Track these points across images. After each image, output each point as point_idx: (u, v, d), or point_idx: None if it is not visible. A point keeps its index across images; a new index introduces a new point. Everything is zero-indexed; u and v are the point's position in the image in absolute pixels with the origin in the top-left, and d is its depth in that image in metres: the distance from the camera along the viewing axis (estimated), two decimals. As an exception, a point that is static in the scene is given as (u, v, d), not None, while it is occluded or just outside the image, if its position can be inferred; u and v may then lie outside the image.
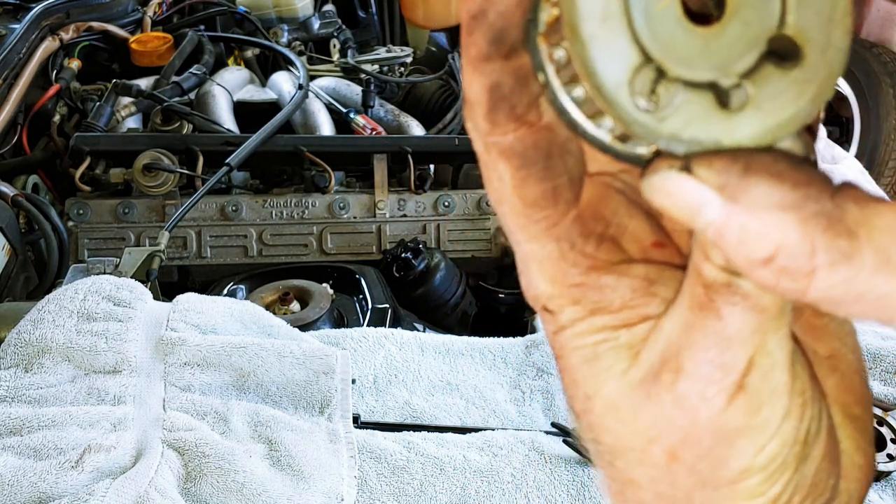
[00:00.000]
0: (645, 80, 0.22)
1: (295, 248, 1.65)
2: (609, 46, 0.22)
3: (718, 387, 0.26)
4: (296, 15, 2.41)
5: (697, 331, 0.26)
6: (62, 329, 0.98)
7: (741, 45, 0.22)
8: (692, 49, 0.22)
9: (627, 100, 0.22)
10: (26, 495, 0.80)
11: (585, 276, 0.29)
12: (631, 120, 0.22)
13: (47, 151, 1.81)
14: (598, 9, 0.22)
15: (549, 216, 0.28)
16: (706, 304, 0.25)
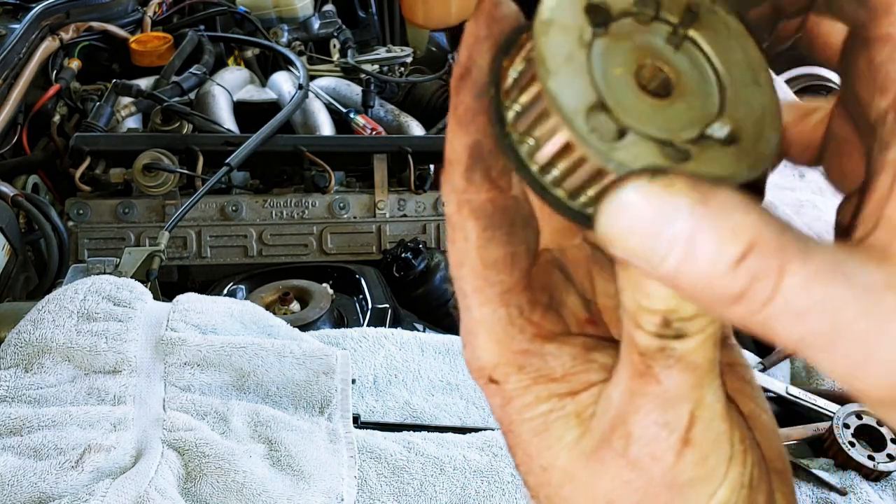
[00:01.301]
0: (600, 118, 0.24)
1: (295, 248, 1.65)
2: (570, 81, 0.24)
3: (666, 444, 0.27)
4: (296, 15, 2.41)
5: (640, 396, 0.27)
6: (62, 329, 0.98)
7: (684, 121, 0.25)
8: (641, 111, 0.24)
9: (583, 124, 0.24)
10: (26, 495, 0.80)
11: (530, 342, 0.30)
12: (585, 140, 0.24)
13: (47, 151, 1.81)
14: (564, 51, 0.24)
15: (503, 281, 0.30)
16: (644, 371, 0.27)
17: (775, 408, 1.09)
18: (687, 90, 0.26)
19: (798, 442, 1.03)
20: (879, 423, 0.99)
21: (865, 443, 0.99)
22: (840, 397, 1.07)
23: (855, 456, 0.96)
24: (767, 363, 1.16)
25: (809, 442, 1.02)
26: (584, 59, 0.25)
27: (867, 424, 0.99)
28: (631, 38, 0.26)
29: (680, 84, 0.26)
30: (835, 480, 0.95)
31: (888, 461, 0.96)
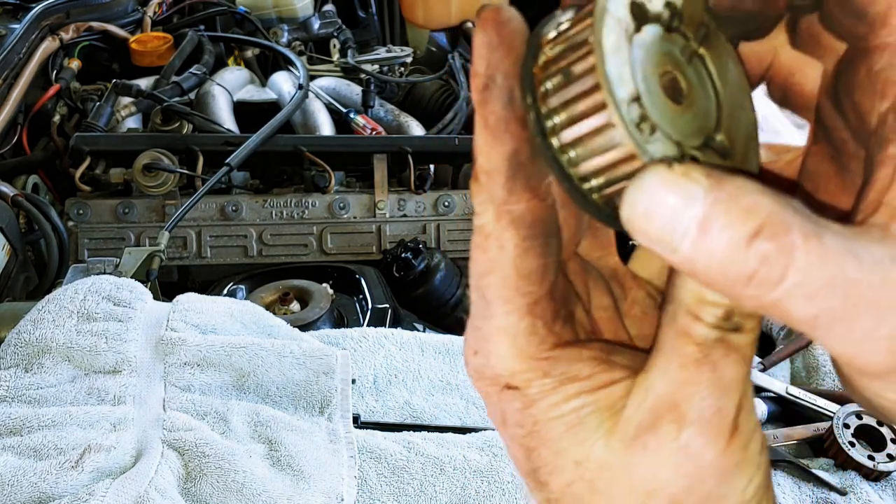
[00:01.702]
0: (636, 111, 0.26)
1: (295, 248, 1.65)
2: (619, 70, 0.26)
3: (719, 429, 0.28)
4: (296, 15, 2.41)
5: (693, 384, 0.28)
6: (62, 329, 0.98)
7: (692, 129, 0.28)
8: (664, 112, 0.27)
9: (628, 113, 0.26)
10: (26, 495, 0.80)
11: (552, 351, 0.31)
12: (628, 129, 0.26)
13: (47, 151, 1.81)
14: (615, 41, 0.26)
15: (534, 292, 0.30)
16: (701, 360, 0.28)
17: (776, 408, 1.09)
18: (694, 101, 0.28)
19: (798, 442, 1.03)
20: (879, 423, 0.99)
21: (865, 443, 0.99)
22: (840, 397, 1.07)
23: (855, 456, 0.96)
24: (767, 363, 1.16)
25: (809, 442, 1.02)
26: (628, 52, 0.26)
27: (867, 424, 0.99)
28: (658, 43, 0.28)
29: (690, 95, 0.28)
30: (835, 480, 0.95)
31: (888, 461, 0.96)
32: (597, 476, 0.30)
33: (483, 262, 0.30)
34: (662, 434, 0.28)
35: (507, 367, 0.31)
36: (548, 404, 0.30)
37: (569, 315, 0.32)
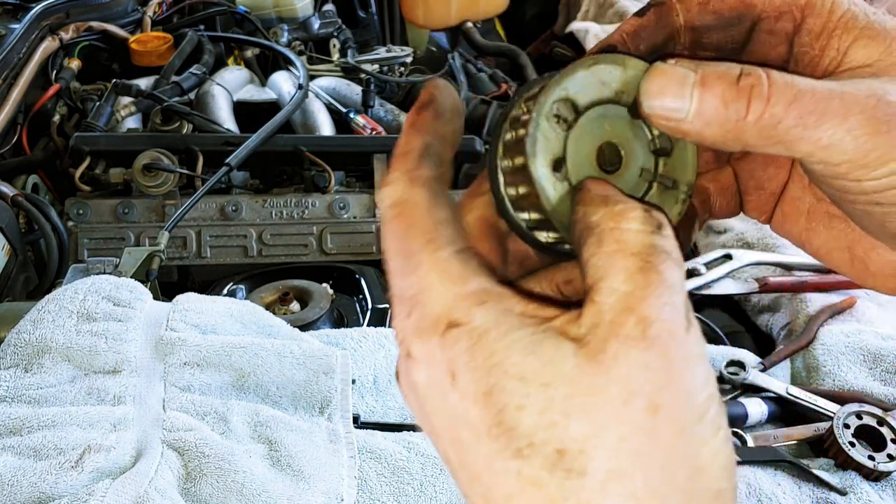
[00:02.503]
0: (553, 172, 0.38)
1: (295, 248, 1.65)
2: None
3: (678, 320, 0.30)
4: (296, 15, 2.41)
5: (643, 288, 0.30)
6: (62, 329, 0.98)
7: (634, 184, 0.40)
8: (585, 173, 0.39)
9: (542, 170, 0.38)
10: (26, 495, 0.80)
11: (486, 281, 0.33)
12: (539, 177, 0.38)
13: (47, 151, 1.80)
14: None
15: (451, 236, 0.34)
16: (644, 266, 0.31)
17: (776, 408, 1.09)
18: (627, 168, 0.40)
19: (798, 442, 1.03)
20: (880, 423, 0.99)
21: (865, 443, 0.99)
22: (840, 397, 1.07)
23: (855, 456, 0.96)
24: (767, 363, 1.16)
25: (809, 442, 1.02)
26: (555, 132, 0.38)
27: (867, 425, 0.99)
28: (594, 123, 0.39)
29: (625, 163, 0.40)
30: (835, 480, 0.95)
31: (888, 461, 0.96)
32: (569, 395, 0.29)
33: (399, 224, 0.34)
34: (629, 337, 0.29)
35: (443, 303, 0.31)
36: (499, 332, 0.30)
37: (525, 262, 0.37)
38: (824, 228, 0.45)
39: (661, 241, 0.32)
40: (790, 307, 1.29)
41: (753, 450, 1.01)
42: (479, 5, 2.60)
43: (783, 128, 0.33)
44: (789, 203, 0.47)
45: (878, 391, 1.07)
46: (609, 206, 0.33)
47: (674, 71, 0.35)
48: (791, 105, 0.33)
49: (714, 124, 0.34)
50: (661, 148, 0.40)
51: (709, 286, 1.36)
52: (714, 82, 0.34)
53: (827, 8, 0.37)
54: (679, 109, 0.34)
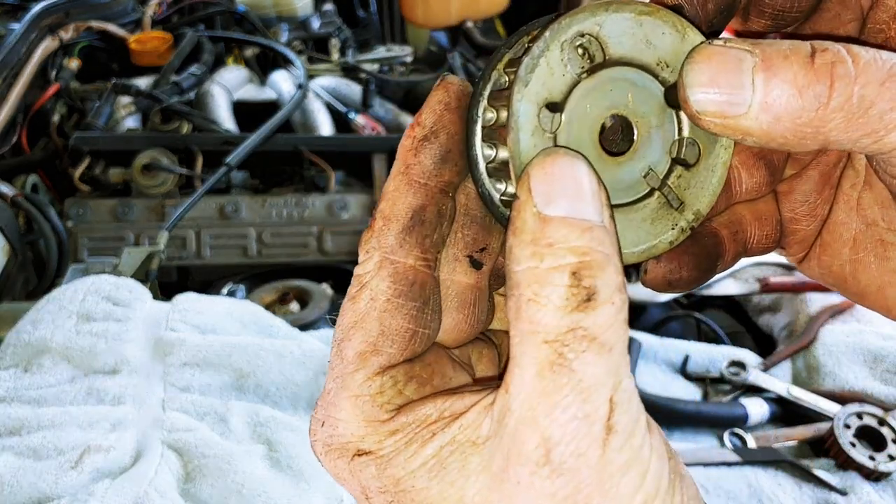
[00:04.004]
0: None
1: (294, 249, 1.65)
2: (531, 145, 0.29)
3: (590, 438, 0.25)
4: (295, 14, 2.41)
5: (553, 393, 0.25)
6: (61, 329, 0.98)
7: (622, 176, 0.32)
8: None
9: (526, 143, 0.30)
10: (26, 495, 0.80)
11: (397, 412, 0.30)
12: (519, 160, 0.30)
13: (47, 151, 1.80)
14: (531, 125, 0.29)
15: (392, 355, 0.30)
16: (556, 361, 0.25)
17: (777, 408, 1.08)
18: (639, 150, 0.32)
19: (799, 442, 1.02)
20: (880, 423, 0.99)
21: (866, 443, 0.99)
22: (841, 398, 1.07)
23: (856, 456, 0.96)
24: (769, 363, 1.15)
25: (810, 442, 1.02)
26: (537, 117, 0.30)
27: (868, 425, 0.99)
28: (598, 89, 0.31)
29: (637, 144, 0.32)
30: (836, 481, 0.95)
31: (889, 461, 0.96)
32: None
33: (351, 313, 0.30)
34: (531, 461, 0.26)
35: (354, 433, 0.29)
36: (405, 458, 0.29)
37: (431, 379, 0.31)
38: (876, 259, 0.36)
39: (584, 319, 0.25)
40: (791, 307, 1.29)
41: (754, 450, 1.01)
42: (480, 4, 2.59)
43: (876, 112, 0.27)
44: (831, 230, 0.38)
45: (879, 391, 1.07)
46: (536, 255, 0.26)
47: (726, 52, 0.28)
48: (885, 84, 0.27)
49: (786, 118, 0.27)
50: (684, 158, 0.32)
51: (710, 286, 1.36)
52: (782, 63, 0.27)
53: None
54: (737, 102, 0.27)
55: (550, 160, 0.27)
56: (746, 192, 0.37)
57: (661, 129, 0.32)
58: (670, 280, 0.36)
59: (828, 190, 0.38)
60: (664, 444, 0.28)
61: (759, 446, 1.02)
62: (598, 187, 0.28)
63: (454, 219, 0.33)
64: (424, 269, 0.31)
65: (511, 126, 0.29)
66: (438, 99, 0.31)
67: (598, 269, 0.26)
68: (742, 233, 0.38)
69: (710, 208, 0.33)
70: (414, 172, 0.31)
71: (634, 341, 1.15)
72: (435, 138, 0.30)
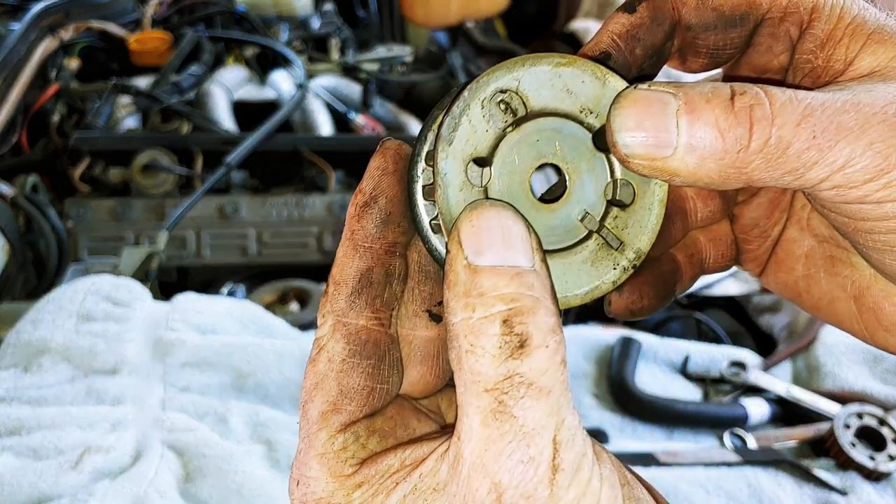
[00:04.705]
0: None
1: (294, 249, 1.65)
2: (460, 200, 0.31)
3: (536, 479, 0.26)
4: (295, 14, 2.41)
5: (497, 440, 0.27)
6: (61, 329, 0.98)
7: (554, 224, 0.33)
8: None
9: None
10: (26, 495, 0.80)
11: (360, 465, 0.32)
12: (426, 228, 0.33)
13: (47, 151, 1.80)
14: (458, 180, 0.31)
15: (352, 412, 0.32)
16: (497, 409, 0.27)
17: (777, 409, 1.08)
18: (571, 196, 0.33)
19: (799, 442, 1.02)
20: (880, 423, 0.99)
21: (867, 443, 0.99)
22: (841, 398, 1.07)
23: (856, 456, 0.96)
24: (769, 363, 1.15)
25: (810, 442, 1.02)
26: (462, 172, 0.32)
27: (868, 425, 0.99)
28: (523, 145, 0.32)
29: (569, 191, 0.33)
30: (836, 481, 0.95)
31: (889, 461, 0.96)
32: None
33: (312, 376, 0.32)
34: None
35: (325, 489, 0.31)
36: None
37: (393, 431, 0.33)
38: (825, 275, 0.39)
39: (520, 366, 0.27)
40: (791, 307, 1.29)
41: (754, 450, 1.01)
42: (480, 4, 2.59)
43: (794, 152, 0.28)
44: (785, 248, 0.40)
45: (879, 391, 1.07)
46: (468, 307, 0.28)
47: (650, 96, 0.29)
48: (800, 124, 0.28)
49: (710, 159, 0.28)
50: (619, 199, 0.33)
51: (710, 286, 1.36)
52: (703, 107, 0.28)
53: (836, 13, 0.33)
54: (663, 145, 0.29)
55: (477, 213, 0.29)
56: (702, 220, 0.40)
57: (594, 173, 0.33)
58: (632, 310, 0.39)
59: (777, 213, 0.40)
60: (616, 472, 0.29)
61: (760, 446, 1.02)
62: (527, 234, 0.29)
63: (407, 276, 0.34)
64: (377, 328, 0.33)
65: (438, 183, 0.31)
66: (376, 165, 0.33)
67: (529, 314, 0.27)
68: (698, 254, 0.41)
69: (651, 245, 0.34)
70: (358, 237, 0.32)
71: (634, 341, 1.15)
72: (375, 203, 0.32)
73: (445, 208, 0.31)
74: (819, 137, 0.28)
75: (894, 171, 0.28)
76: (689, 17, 0.35)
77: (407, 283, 0.35)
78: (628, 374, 1.10)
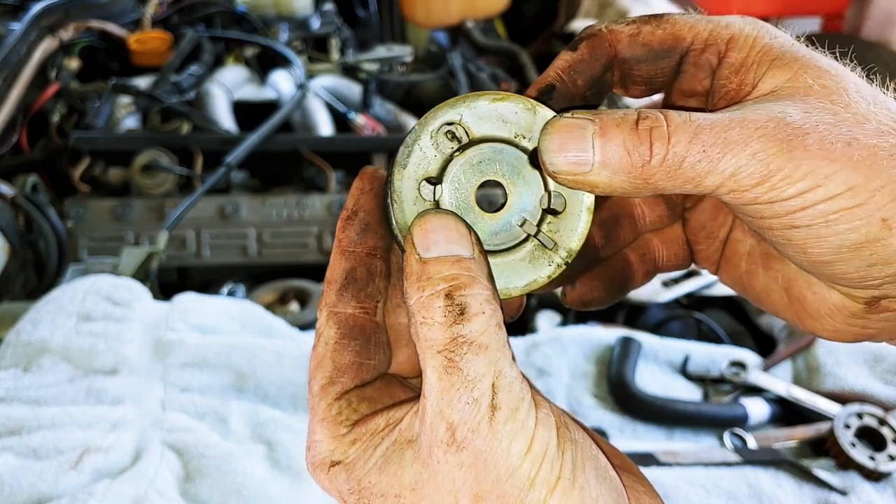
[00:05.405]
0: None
1: (294, 249, 1.65)
2: (413, 212, 0.39)
3: (479, 415, 0.33)
4: (295, 14, 2.41)
5: (450, 389, 0.33)
6: (61, 329, 0.98)
7: (494, 229, 0.40)
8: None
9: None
10: (26, 495, 0.80)
11: (354, 425, 0.38)
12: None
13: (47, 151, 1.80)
14: (412, 196, 0.39)
15: (345, 383, 0.39)
16: (449, 365, 0.34)
17: (777, 408, 1.08)
18: (510, 206, 0.40)
19: (799, 442, 1.02)
20: (880, 423, 0.99)
21: (867, 443, 0.99)
22: (841, 398, 1.07)
23: (856, 456, 0.96)
24: (769, 363, 1.15)
25: (810, 442, 1.02)
26: (416, 190, 0.39)
27: (868, 425, 0.99)
28: (467, 167, 0.39)
29: (508, 202, 0.40)
30: (836, 481, 0.95)
31: (889, 461, 0.96)
32: (413, 499, 0.35)
33: (313, 358, 0.39)
34: (444, 443, 0.33)
35: (326, 448, 0.38)
36: (363, 461, 0.36)
37: (381, 397, 0.39)
38: (763, 270, 0.45)
39: (462, 329, 0.34)
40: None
41: (754, 450, 1.01)
42: (480, 4, 2.59)
43: (689, 164, 0.34)
44: (731, 247, 0.47)
45: (879, 391, 1.07)
46: (420, 289, 0.35)
47: (572, 123, 0.35)
48: (692, 141, 0.34)
49: (621, 172, 0.35)
50: (553, 207, 0.40)
51: (710, 286, 1.36)
52: (614, 130, 0.35)
53: (749, 43, 0.38)
54: (583, 163, 0.35)
55: (425, 218, 0.37)
56: (650, 223, 0.48)
57: (529, 187, 0.40)
58: (584, 300, 0.47)
59: (722, 217, 0.46)
60: (553, 417, 0.35)
61: (760, 446, 1.02)
62: (466, 232, 0.37)
63: (390, 274, 0.42)
64: (363, 315, 0.40)
65: (394, 199, 0.38)
66: (357, 186, 0.41)
67: (466, 287, 0.35)
68: (650, 254, 0.48)
69: (581, 244, 0.40)
70: (344, 244, 0.40)
71: (634, 341, 1.15)
72: (356, 216, 0.40)
73: (401, 219, 0.39)
74: (709, 151, 0.34)
75: (776, 175, 0.33)
76: (624, 52, 0.41)
77: (390, 280, 0.42)
78: (628, 374, 1.10)
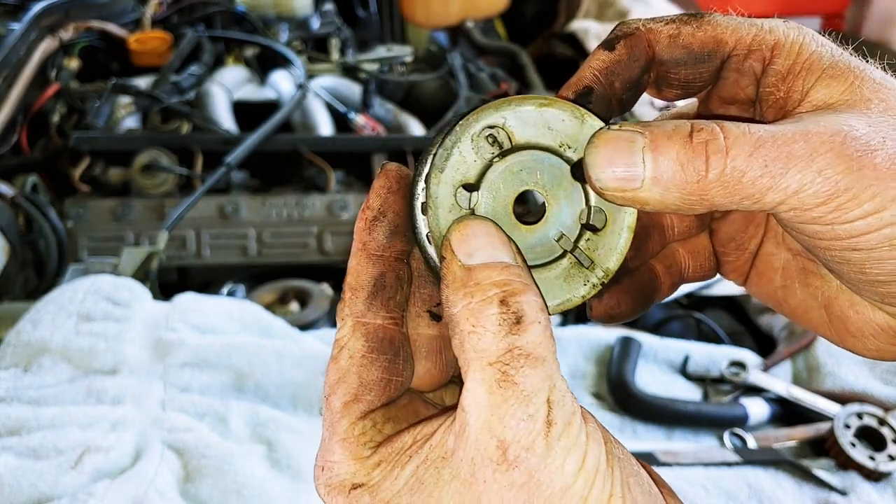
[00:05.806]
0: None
1: (294, 249, 1.65)
2: (449, 219, 0.36)
3: (534, 432, 0.31)
4: (295, 14, 2.41)
5: (502, 405, 0.31)
6: (61, 329, 0.98)
7: (533, 242, 0.37)
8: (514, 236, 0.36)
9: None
10: (26, 495, 0.80)
11: (378, 446, 0.35)
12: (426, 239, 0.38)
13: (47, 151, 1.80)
14: (448, 203, 0.36)
15: (371, 401, 0.36)
16: (502, 378, 0.31)
17: (777, 408, 1.08)
18: (549, 219, 0.37)
19: (799, 442, 1.02)
20: (880, 423, 0.99)
21: (867, 443, 0.99)
22: (841, 398, 1.06)
23: (856, 456, 0.96)
24: (769, 363, 1.15)
25: (810, 442, 1.02)
26: (453, 193, 0.37)
27: (868, 425, 0.99)
28: (508, 173, 0.37)
29: (548, 214, 0.37)
30: (836, 481, 0.95)
31: (889, 461, 0.96)
32: None
33: (334, 371, 0.36)
34: (492, 461, 0.31)
35: (347, 470, 0.35)
36: (390, 482, 0.34)
37: (405, 416, 0.37)
38: (800, 286, 0.43)
39: (518, 340, 0.32)
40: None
41: (754, 450, 1.01)
42: (480, 4, 2.59)
43: (748, 180, 0.32)
44: (763, 260, 0.45)
45: (879, 391, 1.07)
46: (467, 295, 0.33)
47: (620, 136, 0.33)
48: (753, 154, 0.32)
49: (674, 189, 0.33)
50: (592, 223, 0.38)
51: (710, 286, 1.36)
52: (666, 143, 0.32)
53: (795, 49, 0.37)
54: (632, 178, 0.33)
55: (464, 224, 0.35)
56: (679, 234, 0.45)
57: (570, 200, 0.37)
58: (612, 314, 0.44)
59: (752, 228, 0.44)
60: (600, 431, 0.33)
61: (760, 446, 1.02)
62: (507, 240, 0.35)
63: (412, 281, 0.39)
64: (392, 326, 0.37)
65: (430, 205, 0.36)
66: (381, 185, 0.38)
67: (521, 294, 0.32)
68: (676, 265, 0.46)
69: (619, 265, 0.38)
70: (370, 247, 0.37)
71: (634, 341, 1.15)
72: (384, 217, 0.37)
73: (436, 226, 0.36)
74: (770, 166, 0.32)
75: (843, 195, 0.31)
76: (663, 54, 0.39)
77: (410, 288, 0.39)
78: (628, 374, 1.10)
